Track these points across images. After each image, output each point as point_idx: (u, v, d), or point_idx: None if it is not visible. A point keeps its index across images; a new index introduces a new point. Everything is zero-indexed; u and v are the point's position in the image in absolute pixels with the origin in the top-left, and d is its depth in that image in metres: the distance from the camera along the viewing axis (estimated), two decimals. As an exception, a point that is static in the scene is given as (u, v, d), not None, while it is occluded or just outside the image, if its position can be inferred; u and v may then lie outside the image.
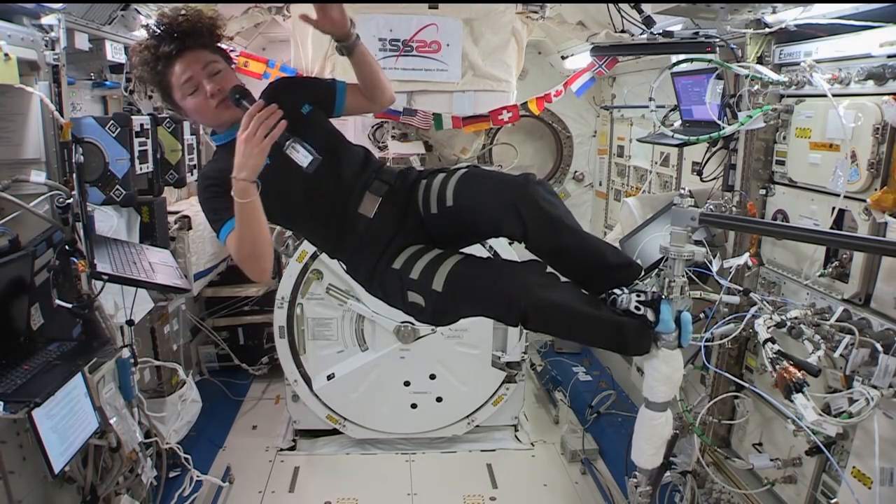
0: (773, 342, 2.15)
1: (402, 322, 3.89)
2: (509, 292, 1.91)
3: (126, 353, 2.77)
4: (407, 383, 4.06)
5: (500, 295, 1.92)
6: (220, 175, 1.92)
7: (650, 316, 1.95)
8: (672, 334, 1.99)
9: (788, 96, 2.56)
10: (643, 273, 2.12)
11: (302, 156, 1.79)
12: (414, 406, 4.10)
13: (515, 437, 4.35)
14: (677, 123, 3.36)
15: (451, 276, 1.94)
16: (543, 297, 1.91)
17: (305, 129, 1.89)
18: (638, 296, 1.97)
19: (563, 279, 2.04)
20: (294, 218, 2.15)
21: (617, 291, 1.99)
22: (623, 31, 3.31)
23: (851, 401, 2.00)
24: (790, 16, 2.41)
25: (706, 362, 2.63)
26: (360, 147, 2.20)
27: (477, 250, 2.22)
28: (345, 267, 2.21)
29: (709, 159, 3.10)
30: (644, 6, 2.92)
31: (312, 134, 1.89)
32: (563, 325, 1.99)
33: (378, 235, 2.05)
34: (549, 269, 2.04)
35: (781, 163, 2.63)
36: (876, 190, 2.06)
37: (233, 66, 2.03)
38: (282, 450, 4.16)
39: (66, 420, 2.16)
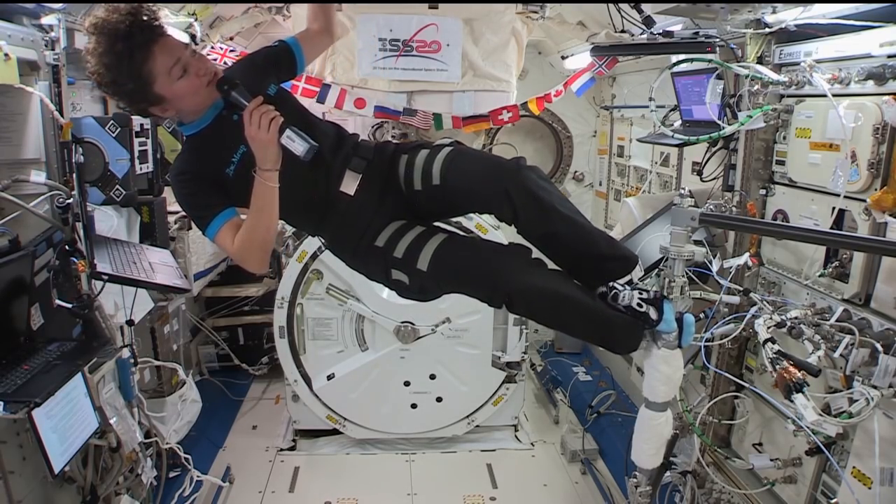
0: (773, 342, 2.15)
1: (403, 322, 3.89)
2: (493, 275, 1.93)
3: (126, 353, 2.77)
4: (407, 383, 4.06)
5: (485, 277, 1.95)
6: (198, 168, 1.91)
7: (652, 314, 1.96)
8: (672, 334, 1.99)
9: (788, 96, 2.56)
10: (643, 273, 2.12)
11: (298, 145, 1.80)
12: (414, 406, 4.10)
13: (515, 437, 4.35)
14: (677, 123, 3.36)
15: (436, 256, 1.95)
16: (527, 281, 1.93)
17: (277, 111, 1.87)
18: (640, 293, 1.97)
19: (551, 266, 2.04)
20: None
21: (619, 286, 1.98)
22: (623, 31, 3.31)
23: (851, 401, 2.00)
24: (790, 16, 2.41)
25: (706, 362, 2.63)
26: (330, 123, 2.18)
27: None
28: (326, 244, 2.21)
29: (709, 159, 3.10)
30: (644, 6, 2.92)
31: (283, 111, 1.86)
32: (547, 312, 2.00)
33: (360, 213, 2.05)
34: (536, 255, 2.04)
35: (781, 163, 2.63)
36: (876, 190, 2.06)
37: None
38: (282, 450, 4.16)
39: (66, 420, 2.16)
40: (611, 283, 2.01)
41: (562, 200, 1.98)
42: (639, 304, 1.95)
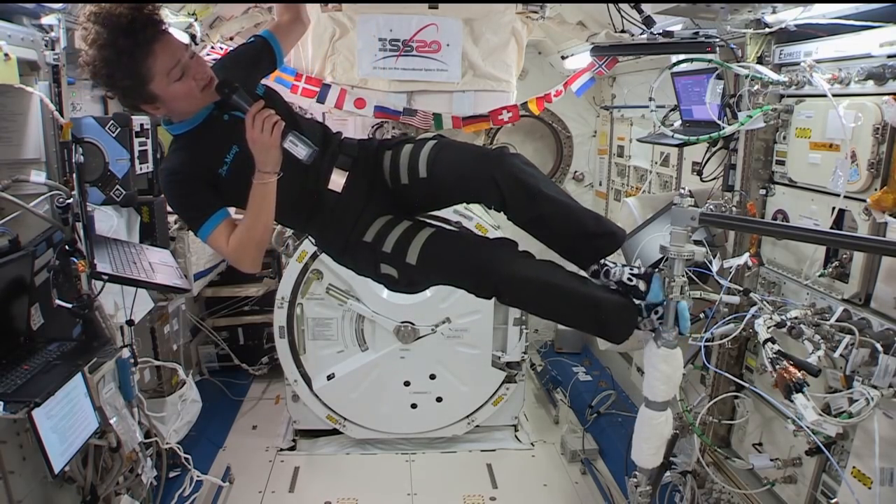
0: (773, 342, 2.15)
1: (402, 322, 3.89)
2: (481, 267, 2.00)
3: (126, 353, 2.77)
4: (407, 383, 4.05)
5: (473, 269, 2.02)
6: (190, 168, 1.90)
7: (641, 287, 2.01)
8: (672, 333, 2.00)
9: (788, 96, 2.55)
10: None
11: (300, 149, 1.83)
12: (414, 406, 4.10)
13: (515, 437, 4.35)
14: (677, 123, 3.36)
15: (425, 250, 2.00)
16: (513, 271, 2.00)
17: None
18: (631, 269, 2.03)
19: (539, 258, 2.10)
20: None
21: (610, 263, 2.04)
22: (623, 31, 3.31)
23: (851, 401, 2.00)
24: (790, 16, 2.41)
25: (706, 362, 2.63)
26: (315, 121, 2.23)
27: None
28: (314, 241, 2.25)
29: (709, 159, 3.10)
30: (644, 6, 2.92)
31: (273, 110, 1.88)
32: (535, 300, 2.07)
33: (348, 209, 2.08)
34: (522, 248, 2.11)
35: (781, 163, 2.63)
36: (876, 190, 2.06)
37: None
38: (282, 450, 4.16)
39: (66, 420, 2.16)
40: (602, 261, 2.06)
41: (547, 183, 2.05)
42: (629, 279, 2.01)
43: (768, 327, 2.25)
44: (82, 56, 1.74)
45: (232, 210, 2.02)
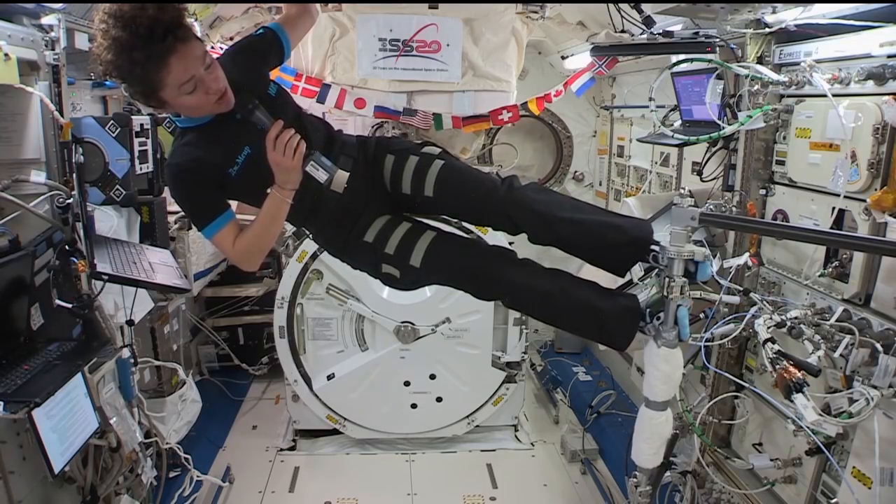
0: (773, 342, 2.15)
1: (402, 322, 3.89)
2: (484, 274, 2.06)
3: (126, 353, 2.77)
4: (407, 383, 4.06)
5: (476, 276, 2.07)
6: (201, 167, 1.88)
7: (690, 268, 2.03)
8: (672, 332, 2.01)
9: (788, 96, 2.55)
10: (643, 273, 2.15)
11: (321, 173, 1.86)
12: (414, 406, 4.10)
13: (515, 437, 4.35)
14: (677, 123, 3.36)
15: (429, 254, 2.04)
16: (514, 279, 2.05)
17: (277, 109, 1.91)
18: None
19: (542, 265, 2.13)
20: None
21: (656, 248, 2.02)
22: (623, 31, 3.31)
23: (851, 401, 2.00)
24: (790, 16, 2.41)
25: (706, 362, 2.63)
26: (318, 119, 2.21)
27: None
28: (311, 236, 2.31)
29: (709, 159, 3.10)
30: (644, 6, 2.92)
31: (284, 113, 1.90)
32: (535, 307, 2.13)
33: (348, 209, 2.10)
34: (523, 255, 2.16)
35: (781, 163, 2.63)
36: (876, 190, 2.06)
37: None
38: (282, 450, 4.16)
39: (66, 420, 2.16)
40: (648, 248, 2.06)
41: (560, 205, 2.06)
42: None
43: (768, 327, 2.25)
44: (95, 49, 1.67)
45: (234, 204, 2.02)
